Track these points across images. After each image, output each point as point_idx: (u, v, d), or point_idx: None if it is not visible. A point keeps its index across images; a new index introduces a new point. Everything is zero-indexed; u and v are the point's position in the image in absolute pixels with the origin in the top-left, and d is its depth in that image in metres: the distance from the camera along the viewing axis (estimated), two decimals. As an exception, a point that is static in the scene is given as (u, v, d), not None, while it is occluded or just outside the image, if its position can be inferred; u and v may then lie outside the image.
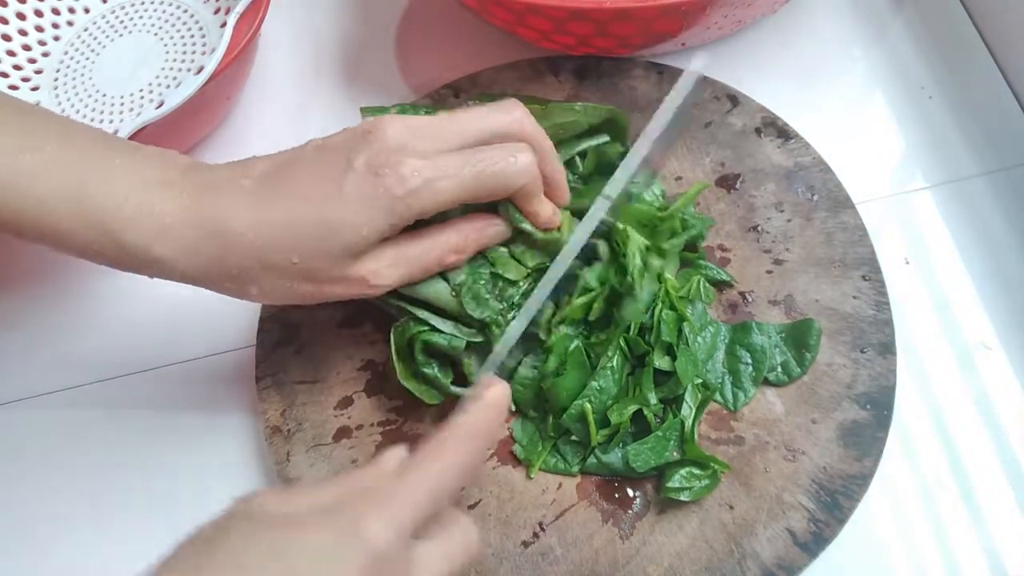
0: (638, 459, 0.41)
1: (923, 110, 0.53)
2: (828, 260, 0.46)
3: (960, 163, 0.51)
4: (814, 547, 0.40)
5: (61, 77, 0.59)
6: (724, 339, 0.44)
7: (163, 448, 0.48)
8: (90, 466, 0.48)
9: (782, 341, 0.44)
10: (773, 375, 0.44)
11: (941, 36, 0.56)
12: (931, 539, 0.42)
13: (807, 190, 0.48)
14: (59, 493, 0.48)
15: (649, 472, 0.41)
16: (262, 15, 0.51)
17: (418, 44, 0.61)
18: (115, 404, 0.50)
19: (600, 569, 0.40)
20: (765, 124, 0.51)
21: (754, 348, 0.44)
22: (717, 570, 0.40)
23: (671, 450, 0.41)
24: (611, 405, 0.42)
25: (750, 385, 0.43)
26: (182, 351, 0.50)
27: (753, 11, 0.51)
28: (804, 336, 0.44)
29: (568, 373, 0.42)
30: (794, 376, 0.43)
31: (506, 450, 0.44)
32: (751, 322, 0.44)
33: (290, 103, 0.59)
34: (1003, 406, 0.44)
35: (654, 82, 0.53)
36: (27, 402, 0.50)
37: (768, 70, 0.55)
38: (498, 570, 0.41)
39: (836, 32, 0.57)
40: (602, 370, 0.42)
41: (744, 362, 0.44)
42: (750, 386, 0.43)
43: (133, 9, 0.61)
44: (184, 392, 0.50)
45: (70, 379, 0.51)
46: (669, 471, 0.41)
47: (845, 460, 0.41)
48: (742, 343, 0.44)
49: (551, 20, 0.48)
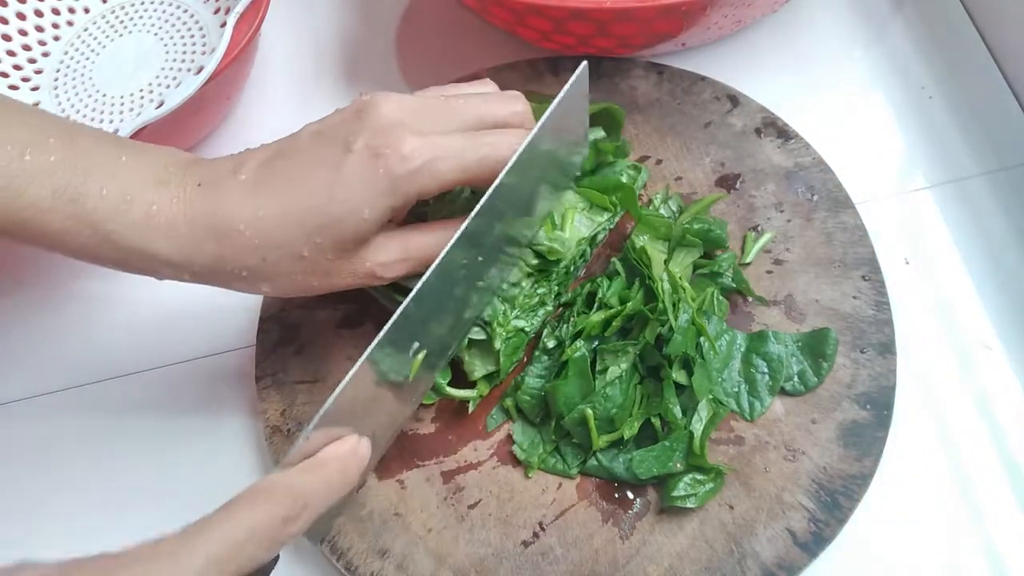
0: (641, 467, 0.41)
1: (923, 110, 0.53)
2: (828, 260, 0.46)
3: (960, 163, 0.51)
4: (814, 547, 0.40)
5: (61, 77, 0.59)
6: (740, 348, 0.44)
7: (163, 448, 0.48)
8: (90, 466, 0.48)
9: (799, 350, 0.44)
10: (790, 384, 0.43)
11: (941, 36, 0.56)
12: (931, 539, 0.42)
13: (807, 190, 0.48)
14: (59, 493, 0.48)
15: (651, 480, 0.41)
16: (262, 15, 0.51)
17: (418, 44, 0.61)
18: (115, 404, 0.50)
19: (600, 569, 0.40)
20: (765, 124, 0.51)
21: (770, 357, 0.43)
22: (717, 570, 0.40)
23: (675, 460, 0.41)
24: (616, 413, 0.41)
25: (766, 394, 0.43)
26: (182, 351, 0.50)
27: (753, 11, 0.51)
28: (821, 345, 0.43)
29: (569, 380, 0.42)
30: (811, 386, 0.43)
31: (506, 450, 0.44)
32: (767, 331, 0.44)
33: (290, 103, 0.59)
34: (1003, 406, 0.44)
35: (654, 82, 0.53)
36: (27, 402, 0.51)
37: (768, 70, 0.55)
38: (498, 570, 0.41)
39: (836, 32, 0.57)
40: (611, 378, 0.42)
41: (760, 371, 0.43)
42: (766, 395, 0.43)
43: (133, 9, 0.61)
44: (184, 392, 0.50)
45: (70, 379, 0.51)
46: (672, 479, 0.41)
47: (845, 460, 0.41)
48: (758, 352, 0.44)
49: (551, 20, 0.48)
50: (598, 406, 0.41)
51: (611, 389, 0.41)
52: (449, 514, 0.42)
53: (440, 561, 0.41)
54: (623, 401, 0.42)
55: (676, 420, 0.41)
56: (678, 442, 0.41)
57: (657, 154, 0.51)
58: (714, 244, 0.46)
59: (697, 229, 0.45)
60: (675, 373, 0.42)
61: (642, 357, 0.43)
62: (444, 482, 0.43)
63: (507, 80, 0.54)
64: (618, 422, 0.41)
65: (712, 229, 0.45)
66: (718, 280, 0.45)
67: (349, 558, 0.42)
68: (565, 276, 0.45)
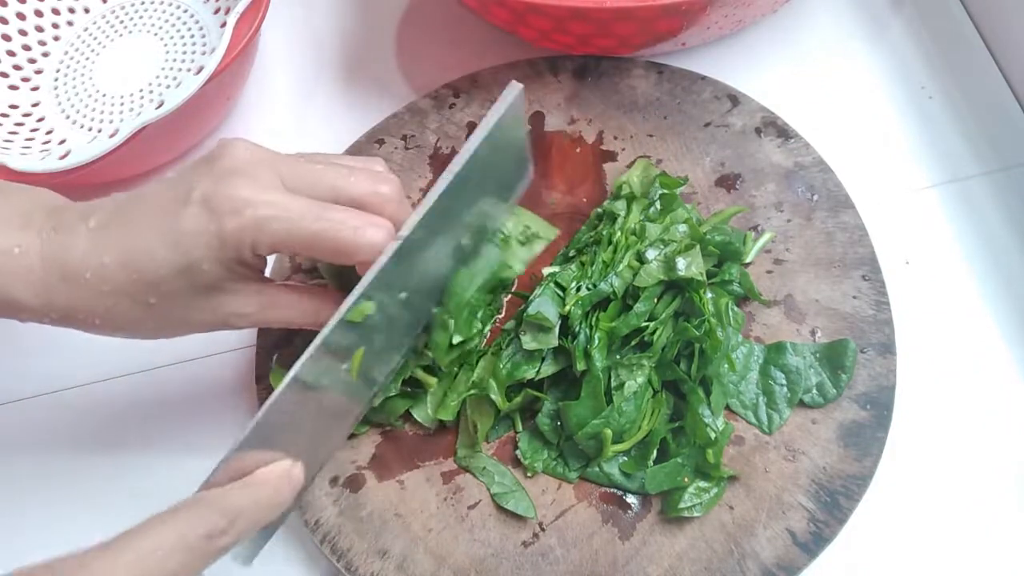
0: (653, 482, 0.40)
1: (923, 110, 0.53)
2: (828, 260, 0.46)
3: (960, 163, 0.51)
4: (814, 547, 0.40)
5: (61, 77, 0.59)
6: (758, 359, 0.44)
7: (163, 448, 0.48)
8: (90, 466, 0.48)
9: (816, 361, 0.43)
10: (808, 397, 0.43)
11: (941, 36, 0.56)
12: (931, 539, 0.42)
13: (807, 190, 0.48)
14: (59, 493, 0.48)
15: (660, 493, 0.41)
16: (262, 15, 0.51)
17: (418, 44, 0.61)
18: (115, 404, 0.50)
19: (600, 569, 0.40)
20: (765, 124, 0.51)
21: (789, 369, 0.43)
22: (717, 570, 0.40)
23: (684, 475, 0.41)
24: (628, 427, 0.41)
25: (785, 407, 0.43)
26: (182, 351, 0.50)
27: (753, 11, 0.51)
28: (840, 357, 0.43)
29: (583, 400, 0.41)
30: (830, 398, 0.42)
31: (506, 451, 0.44)
32: (785, 342, 0.44)
33: (290, 103, 0.59)
34: (1003, 406, 0.44)
35: (654, 82, 0.53)
36: (28, 402, 0.51)
37: (768, 70, 0.55)
38: (498, 570, 0.41)
39: (836, 32, 0.57)
40: (628, 393, 0.41)
41: (779, 383, 0.43)
42: (785, 408, 0.43)
43: (133, 9, 0.61)
44: (184, 392, 0.50)
45: (70, 379, 0.51)
46: (678, 491, 0.41)
47: (845, 460, 0.41)
48: (776, 364, 0.43)
49: (551, 19, 0.48)
50: (613, 421, 0.41)
51: (627, 404, 0.41)
52: (449, 514, 0.42)
53: (440, 561, 0.41)
54: (636, 416, 0.41)
55: (708, 438, 0.41)
56: (690, 459, 0.41)
57: (657, 154, 0.51)
58: (733, 256, 0.45)
59: (719, 241, 0.45)
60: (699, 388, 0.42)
61: (657, 371, 0.42)
62: (444, 482, 0.43)
63: (507, 80, 0.54)
64: (627, 436, 0.41)
65: (732, 242, 0.45)
66: (728, 287, 0.45)
67: (349, 558, 0.42)
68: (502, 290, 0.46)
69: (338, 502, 0.43)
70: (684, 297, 0.43)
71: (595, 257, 0.44)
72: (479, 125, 0.36)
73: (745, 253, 0.46)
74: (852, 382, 0.43)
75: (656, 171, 0.47)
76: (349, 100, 0.59)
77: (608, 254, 0.43)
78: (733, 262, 0.45)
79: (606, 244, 0.44)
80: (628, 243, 0.44)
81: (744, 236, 0.46)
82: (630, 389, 0.41)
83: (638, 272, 0.42)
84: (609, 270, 0.43)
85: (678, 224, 0.44)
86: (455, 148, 0.52)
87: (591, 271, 0.43)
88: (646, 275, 0.42)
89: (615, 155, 0.51)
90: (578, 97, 0.53)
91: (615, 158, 0.51)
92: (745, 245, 0.46)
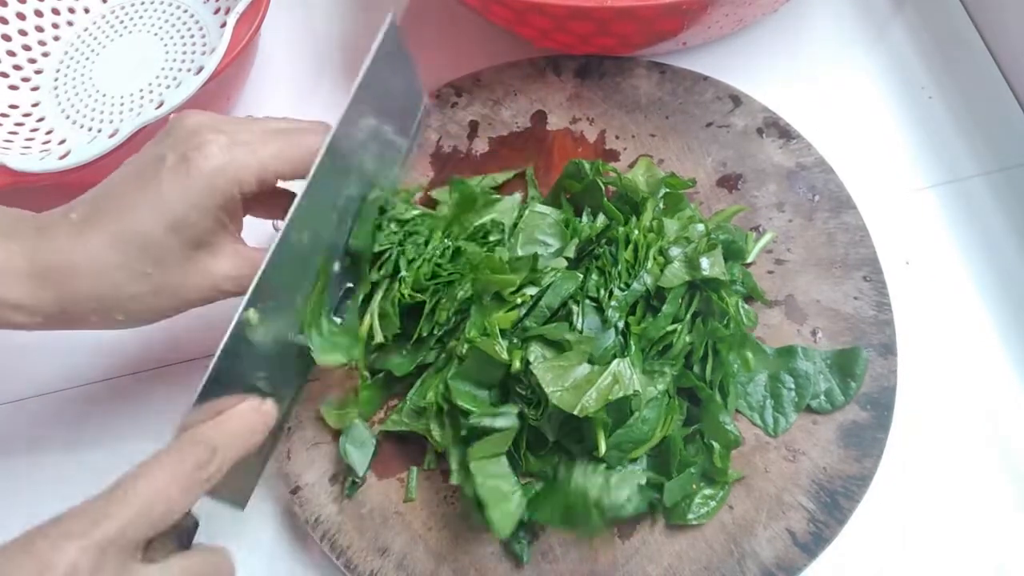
0: (671, 495, 0.40)
1: (923, 110, 0.53)
2: (829, 260, 0.46)
3: (960, 163, 0.51)
4: (814, 547, 0.39)
5: (61, 77, 0.59)
6: (768, 362, 0.44)
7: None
8: (90, 466, 0.48)
9: (827, 368, 0.43)
10: (816, 402, 0.43)
11: (941, 36, 0.56)
12: (931, 539, 0.42)
13: (809, 190, 0.48)
14: (58, 493, 0.48)
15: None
16: (262, 15, 0.51)
17: (418, 44, 0.60)
18: (116, 404, 0.50)
19: (600, 569, 0.40)
20: (767, 124, 0.51)
21: (798, 374, 0.43)
22: (717, 570, 0.40)
23: (693, 482, 0.41)
24: (648, 433, 0.40)
25: (792, 411, 0.43)
26: (182, 351, 0.50)
27: (754, 10, 0.51)
28: (851, 364, 0.43)
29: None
30: (838, 404, 0.42)
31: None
32: (796, 346, 0.44)
33: (290, 103, 0.59)
34: (1003, 406, 0.44)
35: (656, 82, 0.53)
36: (28, 402, 0.50)
37: (769, 70, 0.55)
38: (498, 569, 0.41)
39: (837, 32, 0.57)
40: (648, 399, 0.40)
41: (787, 387, 0.43)
42: (792, 412, 0.43)
43: (133, 9, 0.61)
44: (185, 392, 0.49)
45: (70, 379, 0.51)
46: (685, 500, 0.41)
47: (845, 460, 0.41)
48: (786, 368, 0.43)
49: (552, 18, 0.48)
50: (636, 429, 0.40)
51: (648, 411, 0.40)
52: (449, 512, 0.42)
53: (440, 560, 0.41)
54: (655, 423, 0.40)
55: (735, 441, 0.41)
56: (697, 467, 0.41)
57: (659, 154, 0.51)
58: (736, 256, 0.45)
59: (723, 240, 0.44)
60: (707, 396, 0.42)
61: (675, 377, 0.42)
62: (445, 480, 0.43)
63: (509, 79, 0.54)
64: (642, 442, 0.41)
65: (735, 241, 0.45)
66: (732, 287, 0.45)
67: (349, 556, 0.42)
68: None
69: (338, 499, 0.43)
70: (702, 297, 0.42)
71: (617, 257, 0.43)
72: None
73: (747, 253, 0.46)
74: (853, 382, 0.43)
75: (658, 171, 0.47)
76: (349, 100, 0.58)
77: (629, 253, 0.43)
78: (735, 261, 0.45)
79: (623, 243, 0.43)
80: (648, 241, 0.43)
81: (745, 236, 0.46)
82: (650, 394, 0.40)
83: (664, 271, 0.42)
84: (637, 269, 0.42)
85: (696, 224, 0.44)
86: (457, 147, 0.52)
87: (615, 272, 0.42)
88: (671, 276, 0.42)
89: (617, 154, 0.51)
90: (580, 96, 0.53)
91: (617, 158, 0.51)
92: (746, 245, 0.46)
